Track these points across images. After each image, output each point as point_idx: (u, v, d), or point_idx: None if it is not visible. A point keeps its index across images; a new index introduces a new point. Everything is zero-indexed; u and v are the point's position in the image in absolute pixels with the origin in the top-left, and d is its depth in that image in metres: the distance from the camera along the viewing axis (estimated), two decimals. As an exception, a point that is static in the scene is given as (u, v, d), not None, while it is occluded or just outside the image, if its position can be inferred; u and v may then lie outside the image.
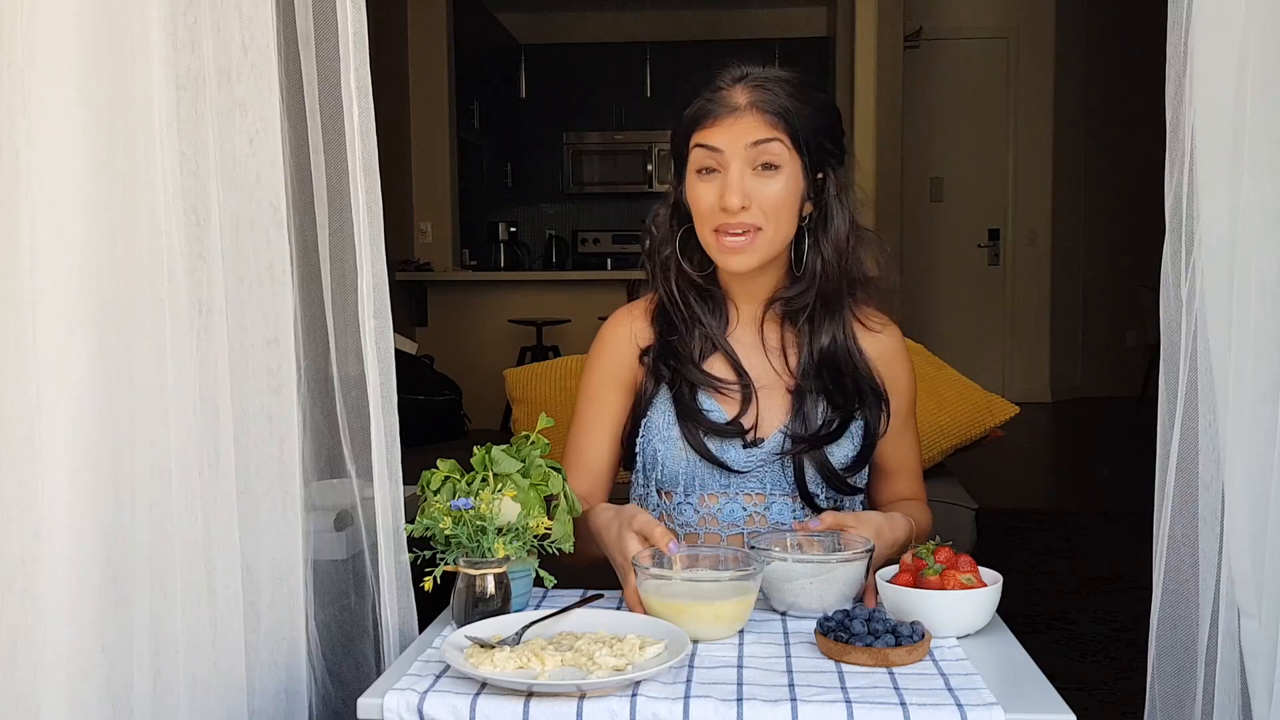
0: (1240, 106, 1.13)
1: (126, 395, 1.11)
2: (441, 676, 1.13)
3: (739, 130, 1.49)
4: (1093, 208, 8.05)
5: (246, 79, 1.24)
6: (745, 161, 1.49)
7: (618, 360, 1.64)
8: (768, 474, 1.57)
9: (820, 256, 1.56)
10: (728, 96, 1.50)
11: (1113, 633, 3.39)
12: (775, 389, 1.59)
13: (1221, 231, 1.16)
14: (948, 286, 7.95)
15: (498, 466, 1.32)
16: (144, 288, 1.12)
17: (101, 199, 1.08)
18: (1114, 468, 5.85)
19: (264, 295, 1.28)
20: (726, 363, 1.59)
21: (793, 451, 1.55)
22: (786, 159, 1.50)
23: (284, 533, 1.30)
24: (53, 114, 1.04)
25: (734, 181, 1.48)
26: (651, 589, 1.26)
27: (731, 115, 1.49)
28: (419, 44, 6.41)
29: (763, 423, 1.57)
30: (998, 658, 1.21)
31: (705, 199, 1.51)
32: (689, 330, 1.59)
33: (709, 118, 1.50)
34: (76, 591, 1.06)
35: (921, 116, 7.65)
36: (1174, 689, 1.23)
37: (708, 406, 1.57)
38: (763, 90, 1.50)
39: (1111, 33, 7.72)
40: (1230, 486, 1.16)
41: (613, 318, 1.68)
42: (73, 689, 1.05)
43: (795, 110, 1.50)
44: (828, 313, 1.59)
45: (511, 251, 7.50)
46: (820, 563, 1.33)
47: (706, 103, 1.52)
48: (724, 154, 1.49)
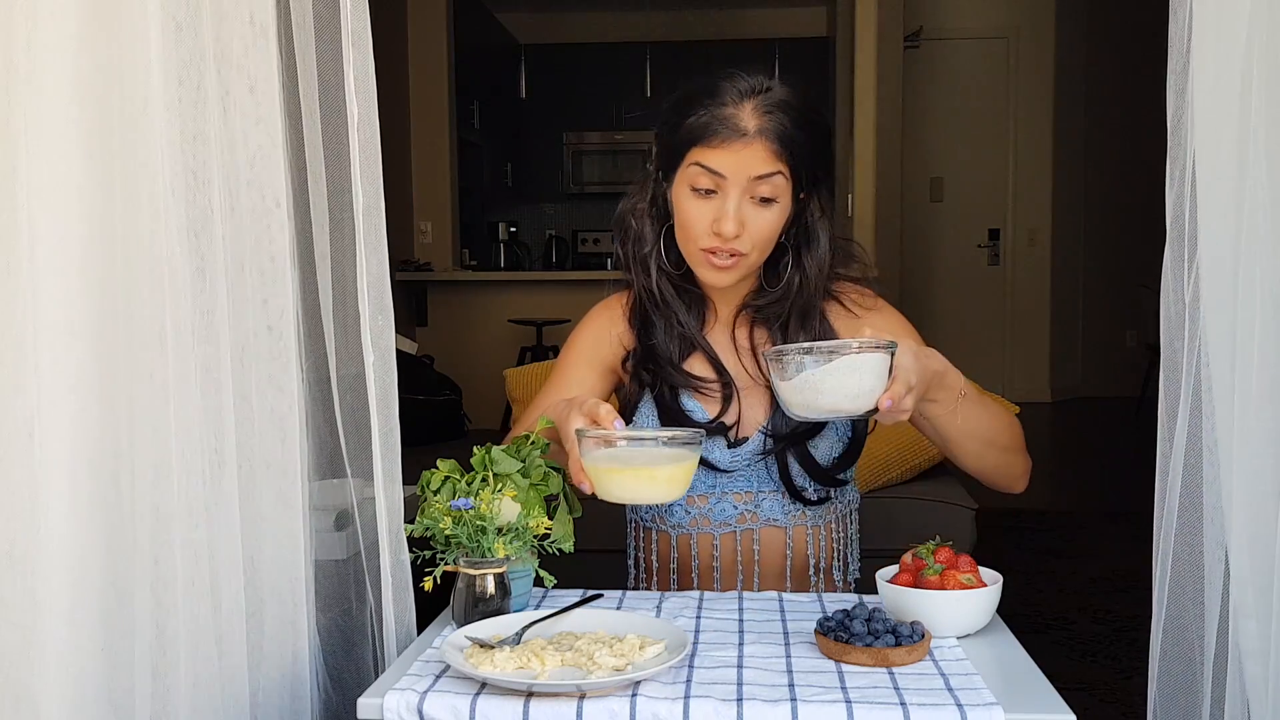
0: (1244, 107, 1.13)
1: (126, 394, 1.11)
2: (441, 676, 1.13)
3: (744, 160, 1.46)
4: (1093, 208, 8.05)
5: (247, 74, 1.23)
6: (744, 190, 1.47)
7: (599, 343, 1.66)
8: (753, 472, 1.58)
9: (801, 272, 1.56)
10: (735, 118, 1.46)
11: (1113, 633, 3.39)
12: (753, 388, 1.60)
13: (1223, 234, 1.15)
14: (948, 286, 7.95)
15: (498, 466, 1.32)
16: (144, 287, 1.12)
17: (100, 198, 1.08)
18: (1114, 468, 5.85)
19: (265, 294, 1.28)
20: (706, 362, 1.60)
21: (774, 450, 1.56)
22: (783, 190, 1.49)
23: (287, 533, 1.30)
24: (50, 109, 1.03)
25: (732, 210, 1.47)
26: (594, 456, 1.29)
27: (739, 140, 1.45)
28: (419, 44, 6.41)
29: (744, 421, 1.58)
30: (998, 658, 1.21)
31: (699, 220, 1.49)
32: (667, 329, 1.60)
33: (714, 137, 1.46)
34: (76, 592, 1.06)
35: (921, 116, 7.65)
36: (1176, 692, 1.23)
37: (689, 407, 1.58)
38: (771, 117, 1.46)
39: (1111, 33, 7.72)
40: (1230, 487, 1.16)
41: (600, 305, 1.70)
42: (73, 690, 1.05)
43: (799, 141, 1.48)
44: (802, 321, 1.59)
45: (511, 251, 7.50)
46: (832, 351, 1.25)
47: (712, 119, 1.47)
48: (725, 180, 1.47)
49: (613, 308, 1.67)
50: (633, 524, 1.69)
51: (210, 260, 1.20)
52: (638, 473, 1.28)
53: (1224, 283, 1.16)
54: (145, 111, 1.12)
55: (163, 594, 1.14)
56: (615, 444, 1.30)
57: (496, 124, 7.67)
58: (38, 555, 1.03)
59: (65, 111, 1.04)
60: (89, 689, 1.07)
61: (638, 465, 1.28)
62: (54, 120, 1.04)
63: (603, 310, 1.69)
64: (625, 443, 1.31)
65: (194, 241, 1.18)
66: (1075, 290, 8.16)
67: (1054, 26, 7.88)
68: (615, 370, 1.66)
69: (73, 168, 1.05)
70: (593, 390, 1.64)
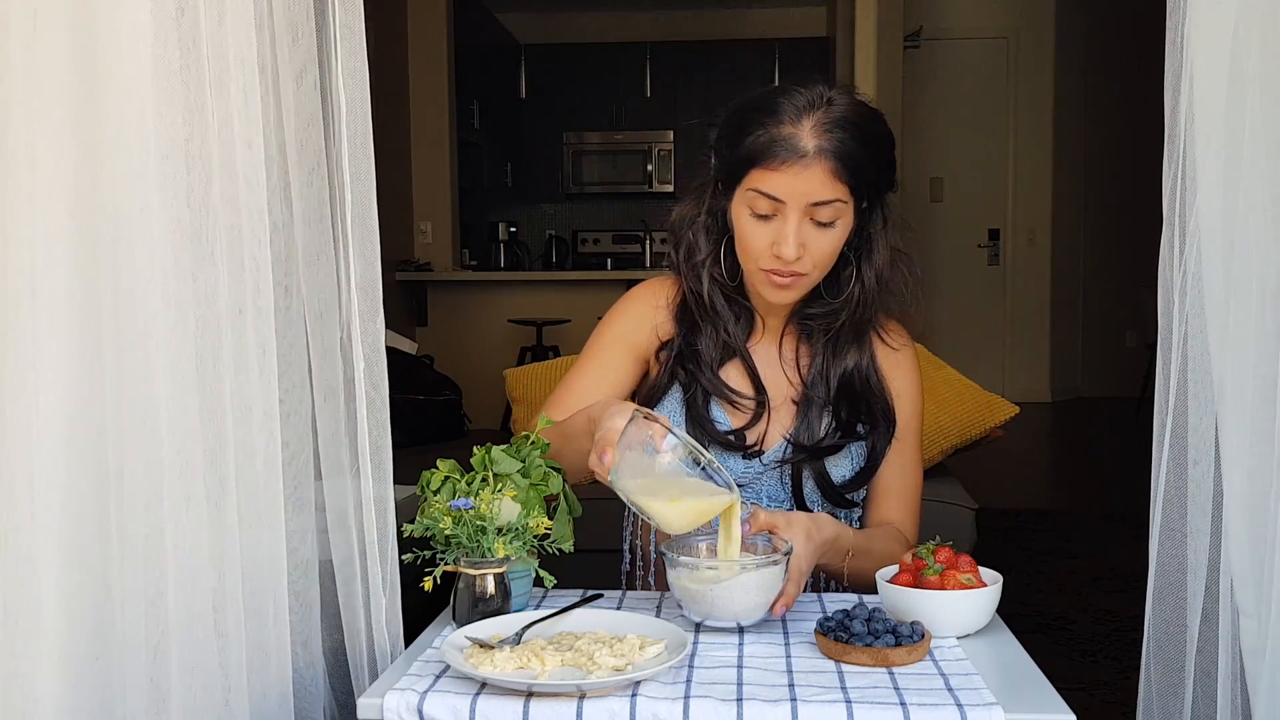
0: (1238, 101, 1.13)
1: (122, 396, 1.10)
2: (441, 676, 1.13)
3: (804, 183, 1.41)
4: (1093, 208, 8.06)
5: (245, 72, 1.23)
6: (804, 213, 1.44)
7: (639, 328, 1.62)
8: (765, 484, 1.57)
9: (861, 283, 1.54)
10: (795, 138, 1.41)
11: (1113, 633, 3.39)
12: (785, 405, 1.58)
13: (1219, 227, 1.15)
14: (948, 286, 7.95)
15: (498, 466, 1.32)
16: (136, 284, 1.11)
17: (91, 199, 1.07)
18: (1114, 468, 5.85)
19: (265, 293, 1.27)
20: (744, 374, 1.58)
21: (793, 460, 1.55)
22: (844, 211, 1.45)
23: (288, 532, 1.30)
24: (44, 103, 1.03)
25: (791, 234, 1.43)
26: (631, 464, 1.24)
27: (799, 163, 1.41)
28: (419, 44, 6.41)
29: (768, 437, 1.57)
30: (998, 658, 1.21)
31: (758, 242, 1.47)
32: (712, 335, 1.57)
33: (773, 159, 1.42)
34: (67, 596, 1.05)
35: (921, 116, 7.65)
36: (1165, 688, 1.23)
37: (716, 416, 1.56)
38: (831, 134, 1.41)
39: (1111, 33, 7.72)
40: (1229, 485, 1.16)
41: (645, 287, 1.65)
42: (64, 697, 1.05)
43: (859, 156, 1.43)
44: (854, 337, 1.57)
45: (511, 251, 7.50)
46: (722, 569, 1.25)
47: (771, 141, 1.42)
48: (785, 204, 1.43)
49: (657, 294, 1.63)
50: (629, 512, 1.68)
51: (207, 259, 1.20)
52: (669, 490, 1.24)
53: (1219, 275, 1.16)
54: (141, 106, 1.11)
55: (157, 598, 1.13)
56: (661, 451, 1.25)
57: (496, 124, 7.67)
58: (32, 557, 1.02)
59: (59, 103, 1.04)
60: (82, 696, 1.07)
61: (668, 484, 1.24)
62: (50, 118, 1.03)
63: (646, 294, 1.64)
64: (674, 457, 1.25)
65: (190, 240, 1.18)
66: (1075, 290, 8.17)
67: (1054, 26, 7.89)
68: (648, 358, 1.62)
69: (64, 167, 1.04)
70: (624, 373, 1.61)
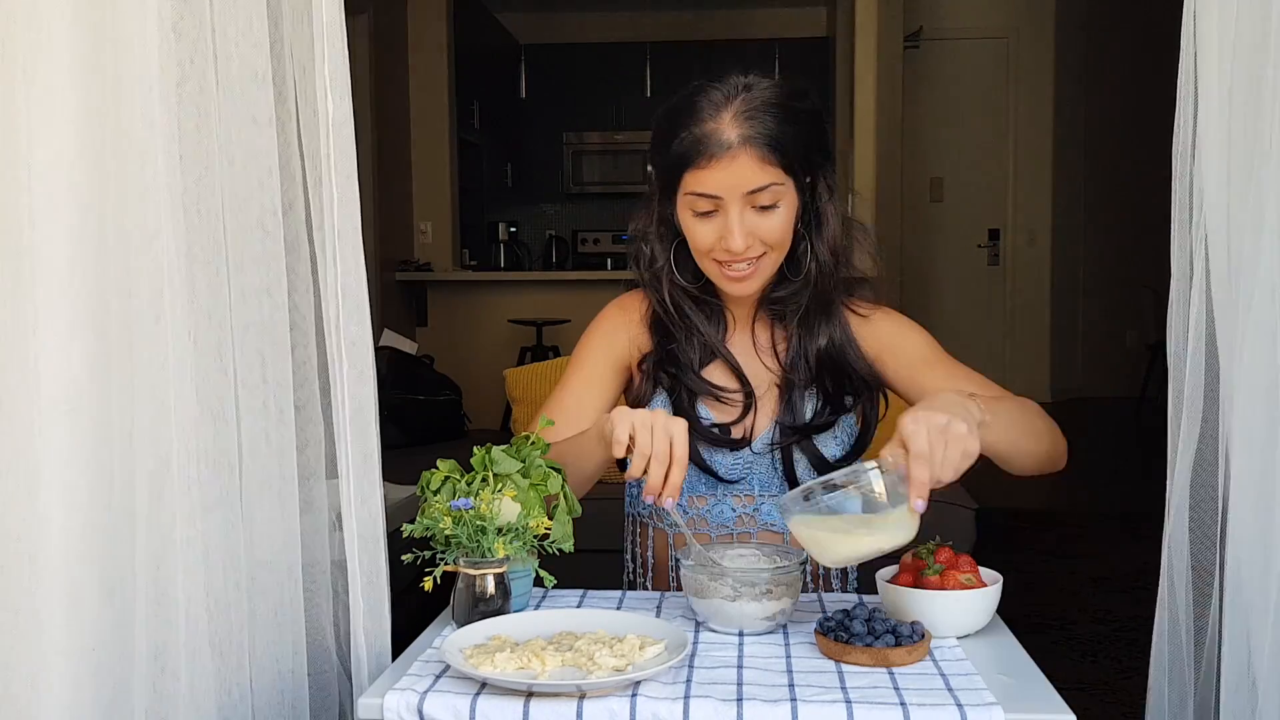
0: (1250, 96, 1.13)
1: (126, 394, 1.11)
2: (441, 676, 1.13)
3: (734, 175, 1.42)
4: (1093, 208, 8.05)
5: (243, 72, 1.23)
6: (743, 204, 1.45)
7: (615, 345, 1.63)
8: (757, 475, 1.57)
9: (815, 259, 1.54)
10: (717, 133, 1.42)
11: (1113, 633, 3.39)
12: (770, 391, 1.59)
13: (1229, 226, 1.15)
14: (948, 286, 7.95)
15: (498, 466, 1.32)
16: (142, 286, 1.11)
17: (96, 197, 1.08)
18: (1114, 468, 5.85)
19: (264, 292, 1.27)
20: (727, 370, 1.59)
21: (783, 443, 1.55)
22: (783, 193, 1.46)
23: (288, 532, 1.30)
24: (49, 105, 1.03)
25: (735, 225, 1.44)
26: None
27: (725, 156, 1.42)
28: (419, 44, 6.41)
29: (756, 428, 1.57)
30: (998, 658, 1.21)
31: (706, 239, 1.48)
32: (687, 339, 1.58)
33: (700, 158, 1.43)
34: (73, 594, 1.05)
35: (921, 116, 7.65)
36: (1173, 688, 1.23)
37: (704, 414, 1.57)
38: (752, 120, 1.42)
39: (1111, 33, 7.72)
40: (1235, 485, 1.16)
41: (614, 306, 1.66)
42: (70, 695, 1.05)
43: (786, 136, 1.43)
44: (822, 312, 1.57)
45: (511, 251, 7.50)
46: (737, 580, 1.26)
47: (695, 140, 1.43)
48: (722, 199, 1.44)
49: (628, 309, 1.65)
50: (630, 518, 1.69)
51: (209, 260, 1.20)
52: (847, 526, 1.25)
53: (1227, 277, 1.16)
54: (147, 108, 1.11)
55: (161, 597, 1.14)
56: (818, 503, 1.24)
57: (496, 124, 7.67)
58: (34, 556, 1.02)
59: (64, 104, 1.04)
60: (86, 695, 1.07)
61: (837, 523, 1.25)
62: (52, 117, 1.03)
63: (617, 312, 1.66)
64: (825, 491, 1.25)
65: (193, 242, 1.18)
66: (1075, 290, 8.16)
67: (1054, 26, 7.88)
68: (628, 370, 1.63)
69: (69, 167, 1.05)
70: (607, 388, 1.61)
